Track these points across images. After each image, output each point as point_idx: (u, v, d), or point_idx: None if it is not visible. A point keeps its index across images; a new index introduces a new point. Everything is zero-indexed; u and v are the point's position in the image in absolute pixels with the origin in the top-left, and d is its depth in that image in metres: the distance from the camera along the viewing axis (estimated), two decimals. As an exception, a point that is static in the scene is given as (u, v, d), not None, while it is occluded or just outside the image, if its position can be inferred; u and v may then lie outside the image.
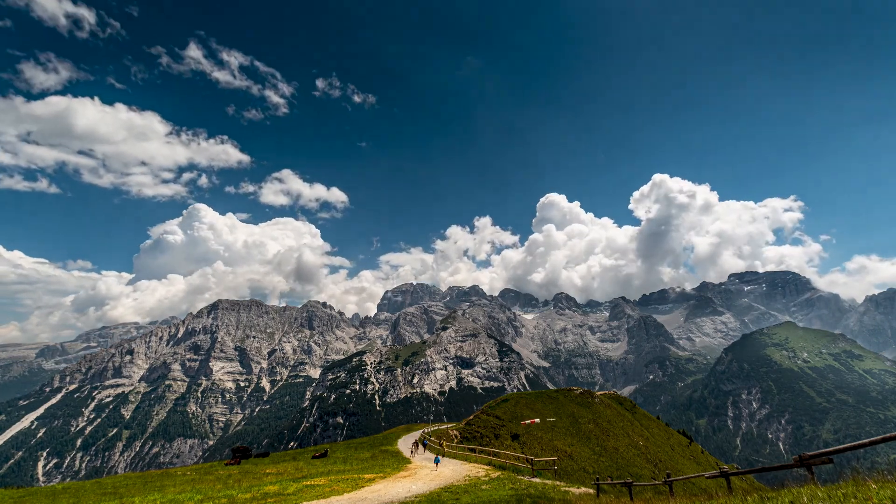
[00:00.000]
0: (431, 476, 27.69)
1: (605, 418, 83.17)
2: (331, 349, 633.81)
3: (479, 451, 43.28)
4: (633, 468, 63.36)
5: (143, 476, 40.36)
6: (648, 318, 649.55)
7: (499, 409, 74.17)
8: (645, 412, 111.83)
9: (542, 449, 57.02)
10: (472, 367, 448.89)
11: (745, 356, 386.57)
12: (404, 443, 56.83)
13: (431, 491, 21.78)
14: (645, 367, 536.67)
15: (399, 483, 25.38)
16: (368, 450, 50.92)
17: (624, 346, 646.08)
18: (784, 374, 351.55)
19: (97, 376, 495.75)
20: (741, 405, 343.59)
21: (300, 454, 57.47)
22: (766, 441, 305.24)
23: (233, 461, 48.09)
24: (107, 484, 35.11)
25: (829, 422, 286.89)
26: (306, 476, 30.73)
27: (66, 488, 33.35)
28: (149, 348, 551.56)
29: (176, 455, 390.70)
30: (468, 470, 30.36)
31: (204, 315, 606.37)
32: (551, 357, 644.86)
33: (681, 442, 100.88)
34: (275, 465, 41.21)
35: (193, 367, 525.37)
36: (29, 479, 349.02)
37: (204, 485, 30.01)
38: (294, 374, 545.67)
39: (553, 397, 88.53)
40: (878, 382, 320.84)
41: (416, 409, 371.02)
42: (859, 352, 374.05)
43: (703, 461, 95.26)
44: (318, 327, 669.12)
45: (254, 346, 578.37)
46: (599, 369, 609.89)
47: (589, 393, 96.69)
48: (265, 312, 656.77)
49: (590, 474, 52.67)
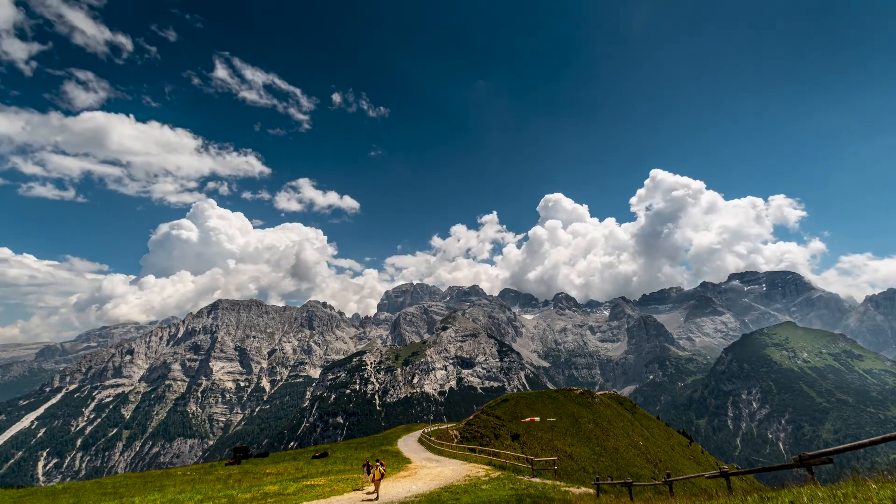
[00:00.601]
0: (431, 476, 27.69)
1: (605, 418, 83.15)
2: (331, 349, 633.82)
3: (479, 451, 43.30)
4: (633, 468, 63.35)
5: (143, 476, 40.36)
6: (648, 318, 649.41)
7: (499, 409, 74.14)
8: (645, 412, 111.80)
9: (542, 449, 57.02)
10: (472, 367, 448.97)
11: (745, 356, 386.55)
12: (404, 443, 56.86)
13: (431, 491, 21.80)
14: (645, 367, 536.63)
15: (399, 483, 25.39)
16: (368, 450, 50.93)
17: (624, 346, 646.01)
18: (784, 374, 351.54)
19: (97, 376, 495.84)
20: (741, 405, 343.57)
21: (300, 454, 57.47)
22: (766, 441, 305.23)
23: (233, 461, 48.09)
24: (107, 484, 35.12)
25: (829, 422, 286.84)
26: (306, 476, 30.75)
27: (66, 488, 33.37)
28: (149, 348, 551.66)
29: (176, 455, 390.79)
30: (468, 470, 30.35)
31: (204, 315, 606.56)
32: (551, 357, 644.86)
33: (681, 442, 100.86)
34: (275, 465, 41.21)
35: (193, 367, 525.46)
36: (29, 478, 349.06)
37: (204, 485, 30.03)
38: (294, 374, 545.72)
39: (553, 397, 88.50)
40: (878, 382, 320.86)
41: (416, 409, 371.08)
42: (859, 352, 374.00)
43: (703, 461, 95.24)
44: (318, 327, 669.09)
45: (254, 346, 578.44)
46: (599, 369, 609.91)
47: (589, 393, 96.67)
48: (265, 312, 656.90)
49: (590, 474, 52.66)
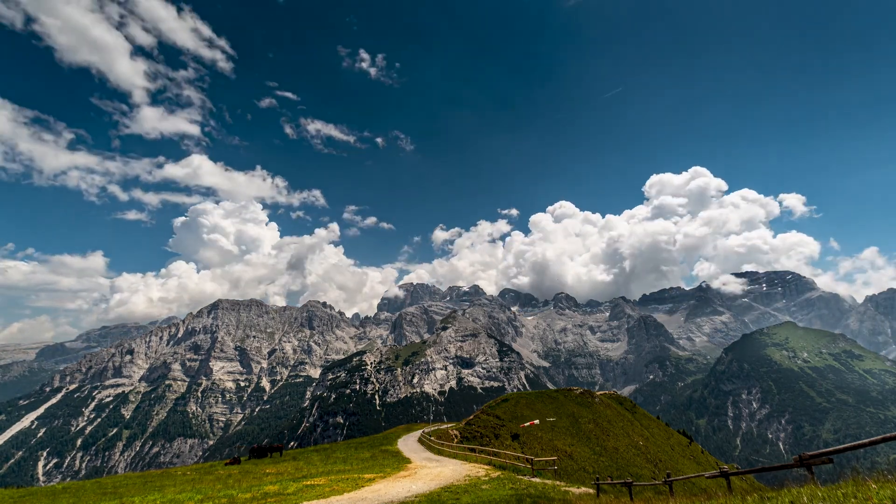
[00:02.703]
0: (431, 476, 27.68)
1: (605, 418, 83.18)
2: (331, 349, 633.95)
3: (480, 451, 43.30)
4: (633, 468, 63.37)
5: (143, 476, 40.37)
6: (648, 318, 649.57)
7: (499, 409, 74.17)
8: (645, 412, 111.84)
9: (542, 449, 57.04)
10: (472, 366, 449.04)
11: (745, 356, 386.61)
12: (404, 443, 56.86)
13: (431, 491, 21.79)
14: (645, 367, 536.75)
15: (399, 483, 25.39)
16: (368, 449, 50.93)
17: (624, 346, 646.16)
18: (784, 374, 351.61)
19: (97, 376, 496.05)
20: (741, 405, 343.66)
21: (300, 454, 57.48)
22: (766, 441, 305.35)
23: (233, 461, 48.10)
24: (107, 484, 35.13)
25: (829, 422, 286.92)
26: (306, 476, 30.73)
27: (66, 488, 33.36)
28: (149, 348, 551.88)
29: (176, 455, 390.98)
30: (468, 470, 30.35)
31: (204, 315, 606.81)
32: (551, 357, 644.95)
33: (681, 442, 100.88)
34: (275, 465, 41.22)
35: (193, 367, 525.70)
36: (29, 478, 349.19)
37: (204, 485, 30.03)
38: (294, 374, 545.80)
39: (553, 397, 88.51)
40: (878, 382, 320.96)
41: (416, 408, 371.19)
42: (859, 352, 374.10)
43: (703, 461, 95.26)
44: (318, 327, 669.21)
45: (254, 345, 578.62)
46: (599, 369, 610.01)
47: (589, 393, 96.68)
48: (265, 312, 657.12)
49: (590, 474, 52.68)
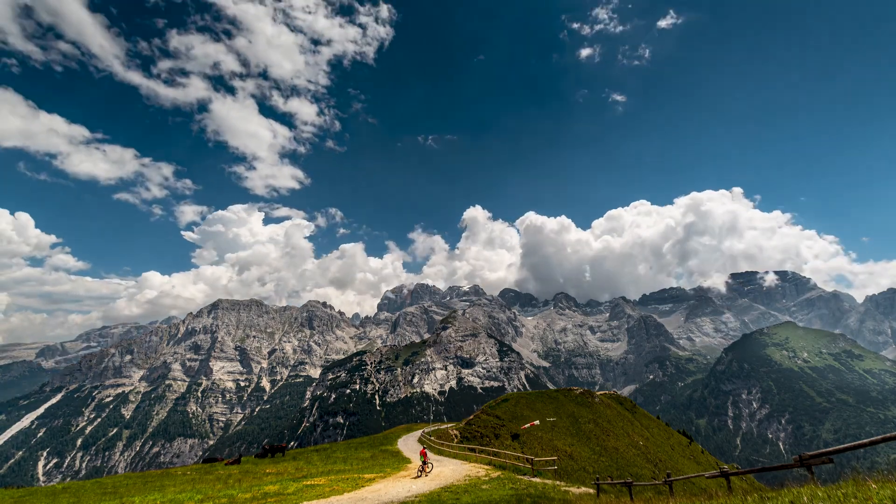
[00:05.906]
0: (431, 476, 27.69)
1: (605, 418, 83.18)
2: (331, 349, 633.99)
3: (480, 451, 43.29)
4: (633, 468, 63.37)
5: (143, 476, 40.35)
6: (648, 318, 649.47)
7: (499, 409, 74.19)
8: (645, 412, 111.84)
9: (542, 449, 57.04)
10: (472, 366, 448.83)
11: (745, 356, 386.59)
12: (404, 443, 56.89)
13: (431, 491, 21.80)
14: (645, 367, 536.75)
15: (399, 483, 25.40)
16: (368, 449, 50.93)
17: (624, 346, 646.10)
18: (784, 374, 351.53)
19: (97, 376, 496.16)
20: (741, 405, 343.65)
21: (300, 454, 57.46)
22: (766, 441, 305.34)
23: (233, 461, 48.10)
24: (107, 484, 35.13)
25: (829, 422, 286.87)
26: (306, 476, 30.74)
27: (66, 488, 33.36)
28: (149, 348, 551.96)
29: (176, 455, 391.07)
30: (468, 470, 30.36)
31: (204, 315, 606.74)
32: (551, 357, 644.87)
33: (681, 442, 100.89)
34: (275, 464, 41.22)
35: (194, 367, 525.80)
36: (29, 478, 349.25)
37: (204, 484, 30.03)
38: (294, 374, 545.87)
39: (553, 397, 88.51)
40: (878, 382, 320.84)
41: (416, 408, 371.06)
42: (859, 352, 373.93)
43: (703, 461, 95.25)
44: (318, 327, 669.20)
45: (254, 345, 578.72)
46: (599, 369, 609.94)
47: (589, 393, 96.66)
48: (265, 312, 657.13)
49: (590, 474, 52.68)
